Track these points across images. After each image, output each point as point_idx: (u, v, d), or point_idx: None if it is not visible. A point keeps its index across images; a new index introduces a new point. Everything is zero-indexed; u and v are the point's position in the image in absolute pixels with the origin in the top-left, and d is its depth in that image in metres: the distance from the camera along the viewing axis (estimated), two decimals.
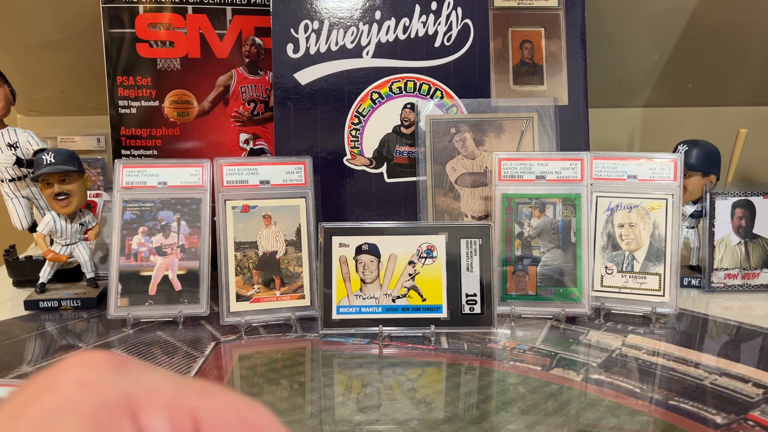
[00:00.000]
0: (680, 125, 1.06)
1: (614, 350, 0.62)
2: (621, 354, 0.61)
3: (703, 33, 0.96)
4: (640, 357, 0.60)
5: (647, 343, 0.63)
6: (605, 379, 0.56)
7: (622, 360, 0.60)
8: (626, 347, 0.62)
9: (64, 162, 0.72)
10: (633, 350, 0.62)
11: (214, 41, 0.87)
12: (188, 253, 0.71)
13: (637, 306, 0.71)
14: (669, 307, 0.70)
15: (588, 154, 0.73)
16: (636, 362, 0.59)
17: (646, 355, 0.61)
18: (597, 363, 0.59)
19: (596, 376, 0.56)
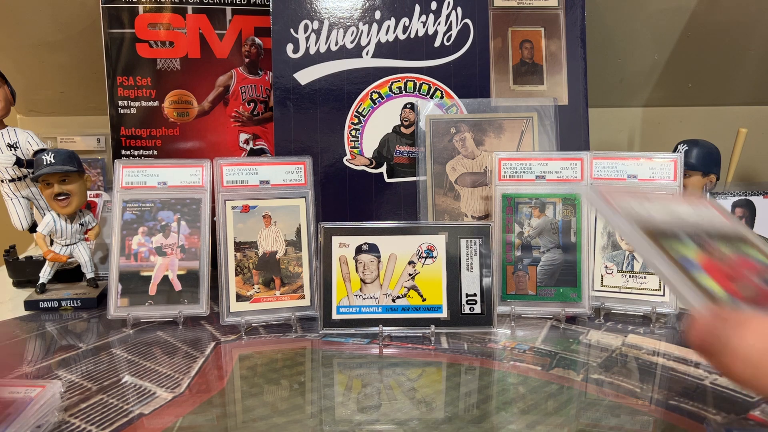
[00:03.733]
0: (680, 125, 1.06)
1: (614, 350, 0.62)
2: (621, 354, 0.61)
3: (703, 32, 0.96)
4: (640, 357, 0.60)
5: (647, 343, 0.63)
6: (605, 379, 0.56)
7: (622, 360, 0.60)
8: (626, 347, 0.62)
9: (64, 162, 0.72)
10: (633, 350, 0.62)
11: (214, 41, 0.87)
12: (188, 253, 0.71)
13: (637, 306, 0.71)
14: (669, 306, 0.70)
15: (588, 153, 0.73)
16: (636, 362, 0.59)
17: (646, 355, 0.61)
18: (597, 363, 0.59)
19: (596, 376, 0.56)
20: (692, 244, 0.34)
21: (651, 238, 0.33)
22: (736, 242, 0.36)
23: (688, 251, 0.33)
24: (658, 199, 0.38)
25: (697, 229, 0.36)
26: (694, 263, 0.32)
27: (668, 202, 0.38)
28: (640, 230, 0.34)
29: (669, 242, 0.34)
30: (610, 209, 0.36)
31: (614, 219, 0.35)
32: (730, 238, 0.36)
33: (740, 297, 0.31)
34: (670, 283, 0.32)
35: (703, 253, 0.34)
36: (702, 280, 0.31)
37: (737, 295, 0.31)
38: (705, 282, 0.31)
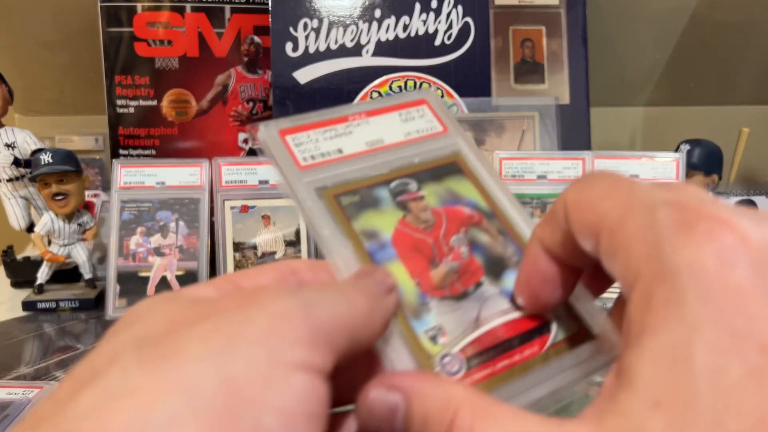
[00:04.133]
0: (682, 124, 1.06)
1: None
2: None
3: (705, 32, 0.96)
4: None
5: None
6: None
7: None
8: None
9: (61, 162, 0.71)
10: None
11: (213, 40, 0.86)
12: (186, 253, 0.70)
13: None
14: None
15: (590, 153, 0.72)
16: None
17: None
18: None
19: (599, 378, 0.56)
20: (392, 204, 0.26)
21: (335, 213, 0.25)
22: (446, 174, 0.28)
23: (382, 221, 0.26)
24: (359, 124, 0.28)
25: (405, 167, 0.27)
26: (387, 243, 0.25)
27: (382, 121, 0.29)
28: (316, 195, 0.26)
29: (362, 215, 0.26)
30: (288, 161, 0.26)
31: (290, 178, 0.26)
32: (442, 167, 0.28)
33: (438, 293, 0.24)
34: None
35: (403, 214, 0.27)
36: (397, 272, 0.24)
37: (435, 292, 0.24)
38: (400, 278, 0.24)
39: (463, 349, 0.23)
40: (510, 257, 0.27)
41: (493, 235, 0.27)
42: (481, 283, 0.25)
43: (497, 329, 0.24)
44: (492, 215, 0.27)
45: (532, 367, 0.24)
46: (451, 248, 0.26)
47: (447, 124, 0.29)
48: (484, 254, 0.26)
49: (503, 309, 0.25)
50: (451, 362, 0.23)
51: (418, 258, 0.25)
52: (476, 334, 0.24)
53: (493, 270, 0.26)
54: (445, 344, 0.23)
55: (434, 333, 0.23)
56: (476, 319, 0.24)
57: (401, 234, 0.26)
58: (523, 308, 0.25)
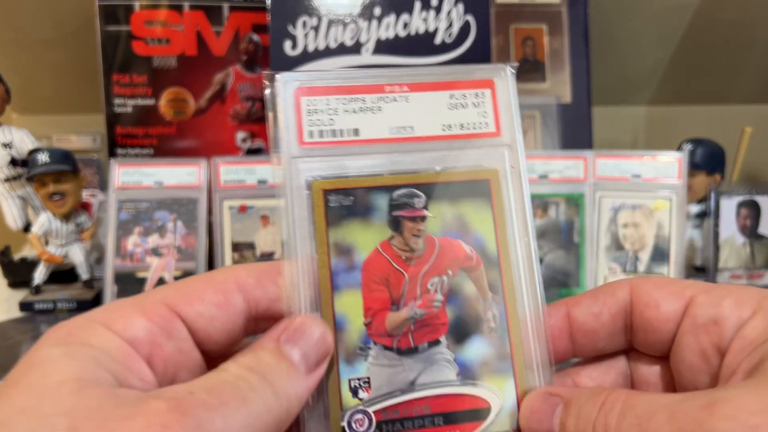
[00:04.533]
0: (685, 123, 1.05)
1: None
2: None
3: (708, 30, 0.95)
4: None
5: None
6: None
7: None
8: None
9: (59, 162, 0.71)
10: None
11: (211, 38, 0.85)
12: (185, 253, 0.69)
13: None
14: None
15: (591, 152, 0.72)
16: None
17: None
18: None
19: None
20: (384, 218, 0.22)
21: (316, 213, 0.21)
22: (468, 194, 0.23)
23: (364, 237, 0.22)
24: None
25: (422, 173, 0.22)
26: (356, 266, 0.22)
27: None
28: (305, 184, 0.21)
29: (345, 224, 0.22)
30: (291, 130, 0.22)
31: (285, 153, 0.22)
32: (467, 184, 0.23)
33: (384, 341, 0.22)
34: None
35: (390, 235, 0.22)
36: (351, 304, 0.21)
37: (382, 339, 0.22)
38: (351, 312, 0.21)
39: (382, 410, 0.22)
40: (485, 322, 0.23)
41: (482, 289, 0.23)
42: (437, 342, 0.22)
43: (428, 400, 0.22)
44: (495, 263, 0.23)
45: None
46: (426, 291, 0.23)
47: (502, 125, 0.23)
48: (458, 310, 0.23)
49: (447, 380, 0.22)
50: (360, 421, 0.21)
51: (381, 294, 0.22)
52: (402, 398, 0.22)
53: (458, 331, 0.23)
54: (363, 400, 0.22)
55: (357, 385, 0.22)
56: (412, 382, 0.22)
57: (377, 259, 0.22)
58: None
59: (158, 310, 0.20)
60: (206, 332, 0.20)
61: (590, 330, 0.23)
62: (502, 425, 0.22)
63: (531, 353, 0.23)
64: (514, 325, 0.23)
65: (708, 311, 0.21)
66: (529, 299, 0.23)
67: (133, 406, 0.16)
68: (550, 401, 0.22)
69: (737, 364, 0.20)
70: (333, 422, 0.21)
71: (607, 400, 0.20)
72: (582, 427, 0.20)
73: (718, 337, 0.20)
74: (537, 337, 0.23)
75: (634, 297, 0.23)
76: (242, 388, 0.18)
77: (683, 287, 0.22)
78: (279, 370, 0.19)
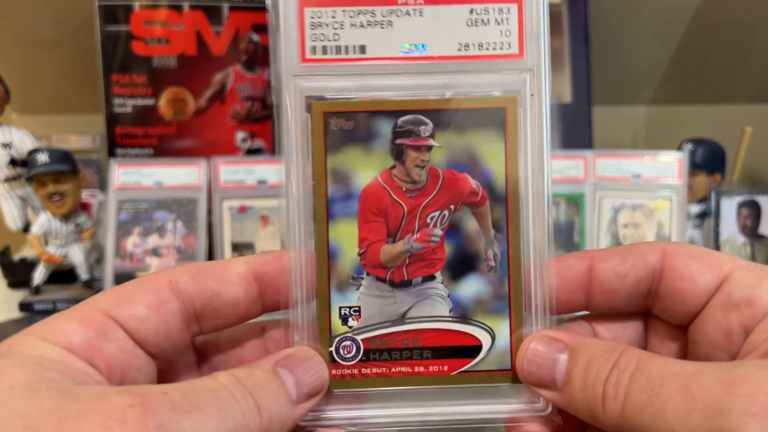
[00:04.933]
0: (685, 123, 1.05)
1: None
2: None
3: (709, 29, 0.95)
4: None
5: None
6: None
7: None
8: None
9: (58, 162, 0.71)
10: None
11: (211, 38, 0.85)
12: (184, 254, 0.69)
13: None
14: None
15: (591, 152, 0.72)
16: None
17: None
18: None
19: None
20: (386, 146, 0.21)
21: (315, 137, 0.20)
22: (480, 124, 0.21)
23: (364, 165, 0.21)
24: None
25: (431, 99, 0.20)
26: (354, 194, 0.21)
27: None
28: (305, 106, 0.20)
29: (344, 149, 0.21)
30: (292, 45, 0.20)
31: (285, 70, 0.20)
32: (480, 112, 0.21)
33: (377, 272, 0.22)
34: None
35: (392, 164, 0.21)
36: (346, 233, 0.21)
37: (375, 270, 0.21)
38: (346, 241, 0.21)
39: (369, 339, 0.22)
40: (484, 261, 0.22)
41: (485, 227, 0.22)
42: (432, 277, 0.22)
43: (417, 333, 0.22)
44: (502, 200, 0.22)
45: (430, 385, 0.22)
46: (424, 225, 0.22)
47: (527, 46, 0.21)
48: (457, 246, 0.22)
49: (438, 315, 0.22)
50: (348, 347, 0.22)
51: (378, 226, 0.21)
52: (392, 329, 0.22)
53: (455, 268, 0.22)
54: (352, 328, 0.22)
55: (347, 313, 0.22)
56: (402, 315, 0.22)
57: (376, 189, 0.21)
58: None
59: (92, 315, 0.20)
60: (141, 333, 0.20)
61: (611, 289, 0.22)
62: (491, 364, 0.22)
63: (531, 297, 0.22)
64: (515, 267, 0.22)
65: (744, 290, 0.20)
66: (536, 241, 0.22)
67: (92, 402, 0.16)
68: (553, 346, 0.21)
69: (757, 343, 0.19)
70: (322, 347, 0.22)
71: (621, 358, 0.19)
72: (592, 382, 0.19)
73: (749, 318, 0.20)
74: (540, 281, 0.22)
75: (667, 265, 0.22)
76: (223, 397, 0.18)
77: (721, 261, 0.21)
78: (268, 390, 0.19)
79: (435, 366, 0.22)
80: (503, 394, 0.22)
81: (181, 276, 0.21)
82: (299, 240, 0.21)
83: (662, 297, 0.22)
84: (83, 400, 0.16)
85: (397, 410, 0.22)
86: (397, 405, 0.22)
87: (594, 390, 0.19)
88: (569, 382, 0.20)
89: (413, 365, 0.22)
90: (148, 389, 0.17)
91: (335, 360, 0.22)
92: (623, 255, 0.22)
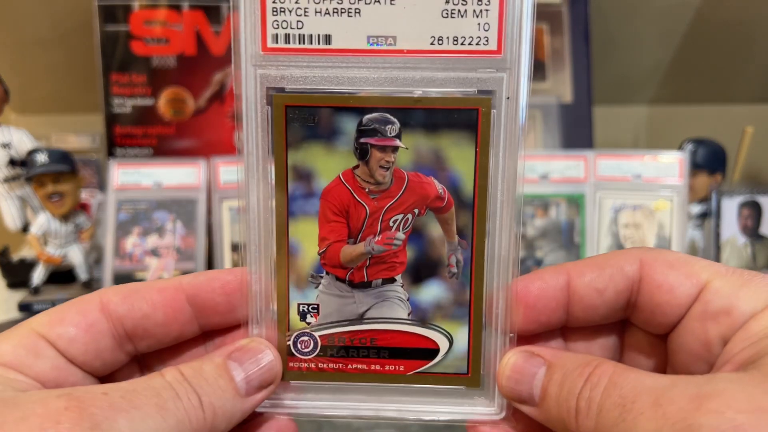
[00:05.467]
0: (686, 123, 1.05)
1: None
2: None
3: (710, 29, 0.95)
4: None
5: None
6: None
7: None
8: None
9: (57, 162, 0.71)
10: None
11: (210, 38, 0.85)
12: (184, 254, 0.69)
13: None
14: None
15: (592, 152, 0.72)
16: None
17: None
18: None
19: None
20: (350, 144, 0.19)
21: (276, 131, 0.19)
22: (450, 125, 0.20)
23: (326, 163, 0.20)
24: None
25: (398, 97, 0.19)
26: (315, 193, 0.20)
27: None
28: (266, 98, 0.19)
29: (305, 145, 0.19)
30: (252, 32, 0.19)
31: (244, 59, 0.18)
32: (450, 113, 0.19)
33: (336, 272, 0.21)
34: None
35: (356, 164, 0.20)
36: (305, 231, 0.20)
37: (335, 270, 0.21)
38: (306, 240, 0.20)
39: (327, 336, 0.22)
40: (446, 266, 0.22)
41: (449, 232, 0.21)
42: (392, 280, 0.22)
43: (375, 333, 0.22)
44: (468, 206, 0.21)
45: (384, 383, 0.22)
46: (387, 228, 0.21)
47: (507, 42, 0.19)
48: (419, 251, 0.22)
49: (396, 317, 0.22)
50: (306, 342, 0.22)
51: (338, 226, 0.21)
52: (350, 328, 0.22)
53: (416, 272, 0.22)
54: (311, 324, 0.22)
55: (306, 310, 0.22)
56: (361, 315, 0.22)
57: (338, 188, 0.20)
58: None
59: (22, 335, 0.20)
60: (70, 351, 0.21)
61: (590, 305, 0.22)
62: (447, 368, 0.22)
63: (493, 304, 0.21)
64: (478, 274, 0.21)
65: (722, 300, 0.20)
66: (501, 249, 0.21)
67: (30, 407, 0.17)
68: (531, 362, 0.21)
69: (733, 354, 0.19)
70: (280, 341, 0.22)
71: (593, 372, 0.19)
72: (565, 397, 0.19)
73: (727, 328, 0.19)
74: (503, 288, 0.21)
75: (645, 276, 0.21)
76: (165, 395, 0.19)
77: (699, 269, 0.21)
78: (215, 385, 0.20)
79: (391, 366, 0.22)
80: (458, 396, 0.22)
81: (113, 297, 0.22)
82: (259, 238, 0.21)
83: (641, 309, 0.22)
84: (23, 405, 0.17)
85: (351, 403, 0.22)
86: (351, 398, 0.22)
87: (567, 405, 0.19)
88: (545, 398, 0.20)
89: (370, 363, 0.22)
90: (90, 390, 0.18)
91: (293, 353, 0.22)
92: (600, 268, 0.22)
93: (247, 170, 0.20)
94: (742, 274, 0.20)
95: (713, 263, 0.21)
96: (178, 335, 0.23)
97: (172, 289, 0.22)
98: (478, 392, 0.22)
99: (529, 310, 0.22)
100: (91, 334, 0.21)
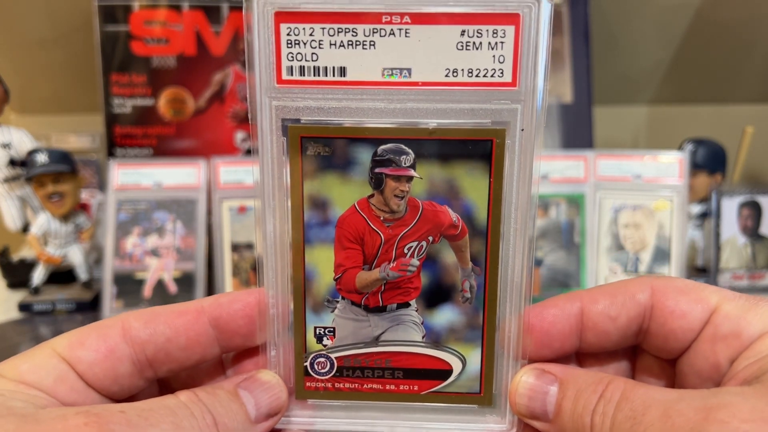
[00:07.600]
0: (686, 123, 1.05)
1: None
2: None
3: (710, 29, 0.95)
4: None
5: None
6: None
7: None
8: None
9: (57, 162, 0.71)
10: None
11: (210, 38, 0.85)
12: (184, 254, 0.69)
13: None
14: None
15: (592, 152, 0.72)
16: None
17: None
18: None
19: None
20: (365, 174, 0.20)
21: (292, 161, 0.19)
22: (464, 156, 0.20)
23: (341, 192, 0.20)
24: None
25: (413, 128, 0.19)
26: (331, 221, 0.20)
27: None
28: (282, 129, 0.19)
29: (321, 175, 0.20)
30: (267, 64, 0.19)
31: (259, 91, 0.19)
32: (465, 144, 0.19)
33: (352, 297, 0.22)
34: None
35: (371, 193, 0.20)
36: (322, 258, 0.20)
37: (350, 295, 0.22)
38: (322, 266, 0.21)
39: (344, 358, 0.22)
40: (460, 292, 0.22)
41: (463, 260, 0.22)
42: (407, 305, 0.22)
43: (389, 355, 0.22)
44: (482, 235, 0.21)
45: (398, 401, 0.22)
46: (401, 254, 0.22)
47: (522, 74, 0.19)
48: (433, 276, 0.22)
49: (411, 340, 0.22)
50: (323, 363, 0.22)
51: (354, 253, 0.21)
52: (365, 350, 0.22)
53: (430, 297, 0.22)
54: (327, 346, 0.22)
55: (322, 332, 0.22)
56: (376, 338, 0.22)
57: (353, 217, 0.21)
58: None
59: (43, 355, 0.21)
60: (89, 376, 0.21)
61: (603, 331, 0.22)
62: (461, 388, 0.23)
63: (506, 328, 0.22)
64: (491, 299, 0.22)
65: (731, 323, 0.20)
66: (514, 275, 0.21)
67: (51, 423, 0.17)
68: (544, 378, 0.22)
69: (738, 370, 0.20)
70: (297, 362, 0.22)
71: (607, 389, 0.20)
72: (579, 413, 0.20)
73: (735, 350, 0.20)
74: (515, 314, 0.22)
75: (657, 302, 0.22)
76: (180, 414, 0.19)
77: (708, 294, 0.21)
78: (228, 408, 0.20)
79: (405, 385, 0.22)
80: (470, 414, 0.23)
81: (134, 322, 0.22)
82: (276, 264, 0.22)
83: (653, 335, 0.22)
84: (43, 422, 0.17)
85: (366, 420, 0.23)
86: (366, 416, 0.23)
87: (582, 420, 0.20)
88: (559, 414, 0.21)
89: (384, 383, 0.22)
90: (107, 408, 0.18)
91: (309, 374, 0.23)
92: (613, 295, 0.22)
93: (264, 200, 0.20)
94: (748, 299, 0.21)
95: (720, 288, 0.22)
96: (200, 358, 0.23)
97: (194, 312, 0.22)
98: (490, 410, 0.23)
99: (543, 336, 0.22)
100: (110, 360, 0.21)
